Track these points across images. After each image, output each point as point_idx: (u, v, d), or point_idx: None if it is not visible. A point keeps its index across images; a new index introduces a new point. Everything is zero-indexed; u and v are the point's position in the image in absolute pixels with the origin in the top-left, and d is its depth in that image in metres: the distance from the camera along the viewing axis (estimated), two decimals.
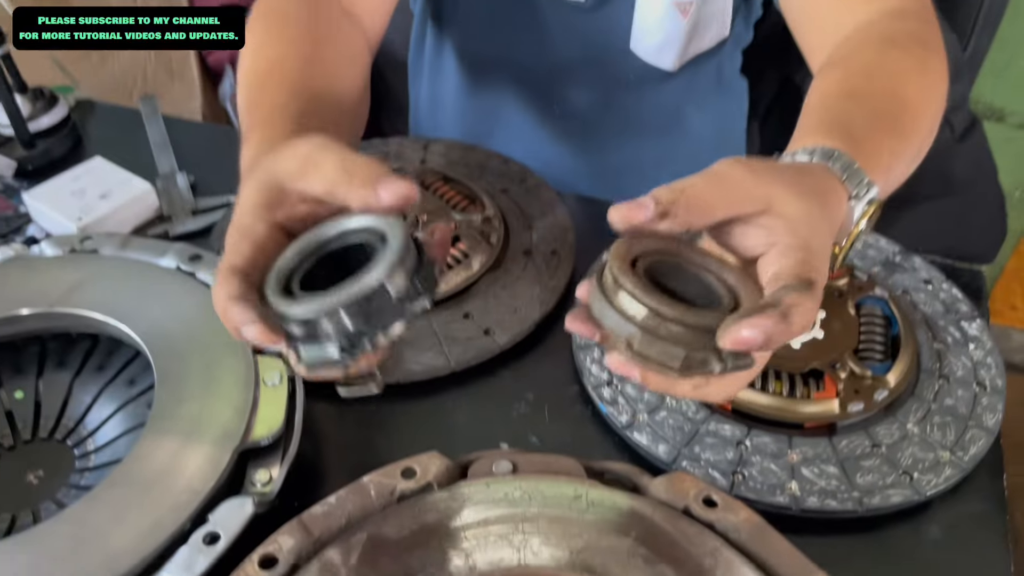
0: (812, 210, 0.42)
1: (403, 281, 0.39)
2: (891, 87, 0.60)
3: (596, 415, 0.62)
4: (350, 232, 0.42)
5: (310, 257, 0.43)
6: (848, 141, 0.50)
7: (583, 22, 0.88)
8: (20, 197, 0.79)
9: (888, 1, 0.69)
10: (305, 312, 0.39)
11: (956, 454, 0.57)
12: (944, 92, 0.64)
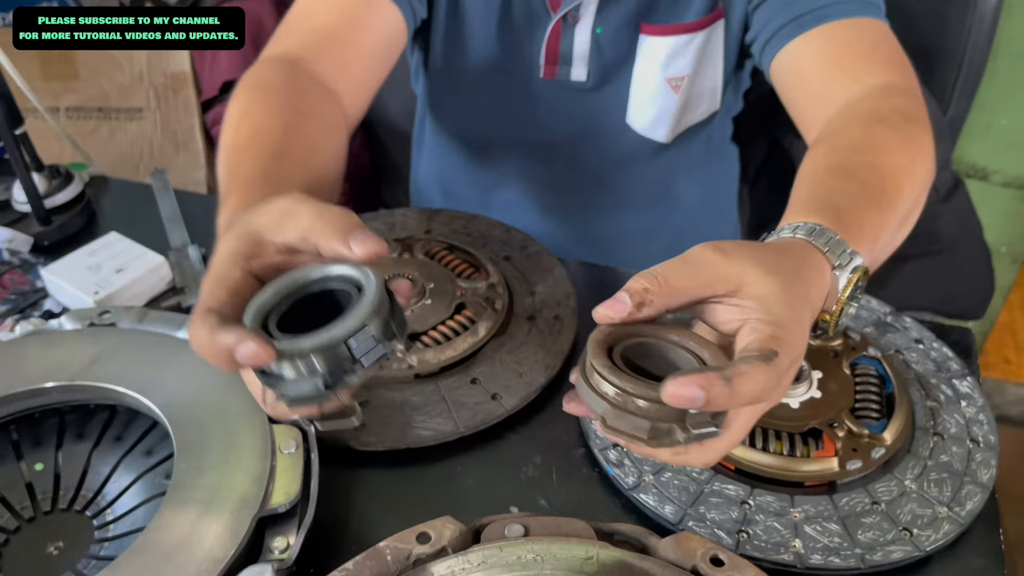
0: (783, 286, 0.46)
1: (380, 325, 0.43)
2: (876, 161, 0.63)
3: (603, 477, 0.63)
4: (326, 279, 0.46)
5: (287, 299, 0.46)
6: (831, 216, 0.54)
7: (582, 100, 0.92)
8: (37, 272, 0.82)
9: (876, 78, 0.73)
10: (295, 348, 0.42)
11: (953, 510, 0.58)
12: (930, 162, 0.67)
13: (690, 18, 0.85)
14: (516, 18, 0.88)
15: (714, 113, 0.94)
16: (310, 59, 0.76)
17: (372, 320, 0.43)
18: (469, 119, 0.98)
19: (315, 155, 0.66)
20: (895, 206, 0.60)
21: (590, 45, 0.88)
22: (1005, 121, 1.47)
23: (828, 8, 0.78)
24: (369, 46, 0.81)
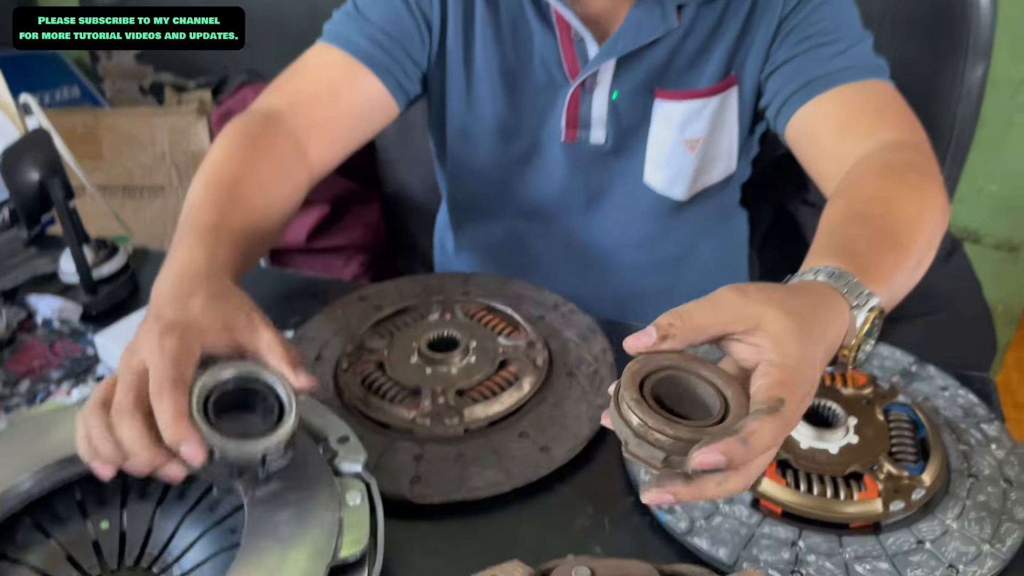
0: (798, 325, 0.50)
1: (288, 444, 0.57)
2: (888, 210, 0.68)
3: (655, 524, 0.65)
4: (252, 379, 0.58)
5: (228, 383, 0.57)
6: (849, 259, 0.59)
7: (602, 161, 0.97)
8: (87, 339, 0.84)
9: (886, 135, 0.79)
10: (224, 450, 0.54)
11: (995, 546, 0.61)
12: (940, 210, 0.72)
13: (703, 84, 0.91)
14: (536, 85, 0.94)
15: (730, 175, 0.99)
16: (288, 115, 0.84)
17: (284, 442, 0.56)
18: (493, 184, 1.03)
19: (262, 200, 0.76)
20: (908, 250, 0.65)
21: (607, 110, 0.93)
22: (994, 187, 1.55)
23: (838, 73, 0.84)
24: (346, 113, 0.89)
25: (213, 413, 0.55)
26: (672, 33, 0.88)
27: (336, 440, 0.65)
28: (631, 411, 0.49)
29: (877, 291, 0.58)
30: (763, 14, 0.87)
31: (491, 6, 0.91)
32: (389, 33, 0.90)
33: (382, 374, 0.76)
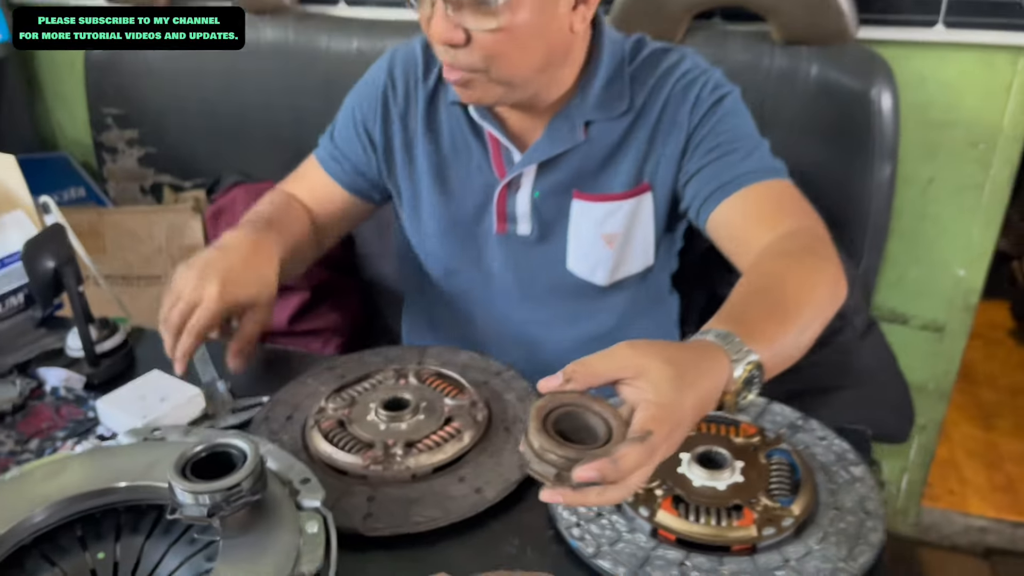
0: (675, 373, 0.65)
1: (251, 483, 0.69)
2: (779, 285, 0.83)
3: (568, 550, 0.77)
4: (227, 444, 0.71)
5: (201, 452, 0.71)
6: (736, 324, 0.73)
7: (530, 250, 1.12)
8: (88, 405, 0.97)
9: (787, 225, 0.94)
10: (197, 489, 0.67)
11: (848, 564, 0.73)
12: (828, 284, 0.86)
13: (617, 190, 1.07)
14: (473, 187, 1.11)
15: (649, 267, 1.14)
16: (300, 201, 1.17)
17: (245, 482, 0.68)
18: (441, 271, 1.19)
19: (297, 228, 1.12)
20: (793, 318, 0.79)
21: (530, 206, 1.09)
22: (915, 272, 1.70)
23: (744, 176, 1.00)
24: (332, 210, 1.19)
25: (191, 472, 0.69)
26: (580, 145, 1.04)
27: (299, 481, 0.77)
28: (532, 436, 0.63)
29: (757, 349, 0.72)
30: (669, 131, 1.04)
31: (431, 131, 1.11)
32: (345, 154, 1.15)
33: (342, 429, 0.88)
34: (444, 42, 0.91)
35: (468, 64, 0.92)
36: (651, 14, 1.48)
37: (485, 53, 0.91)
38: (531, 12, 0.90)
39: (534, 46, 0.93)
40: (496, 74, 0.93)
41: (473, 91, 0.96)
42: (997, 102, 1.51)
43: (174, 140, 1.83)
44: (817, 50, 1.46)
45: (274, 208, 1.12)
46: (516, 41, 0.91)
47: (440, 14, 0.89)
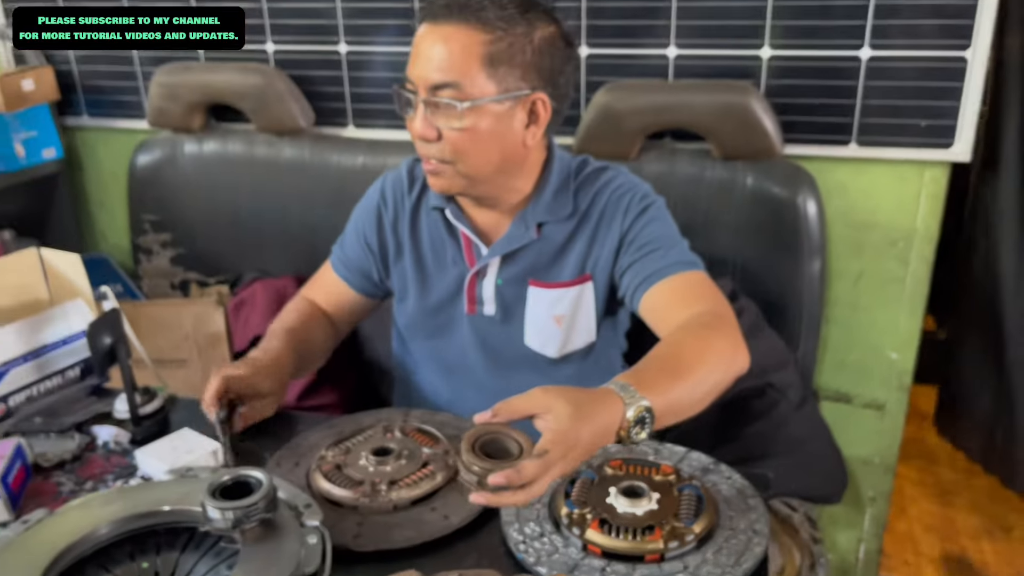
0: (575, 410, 0.89)
1: (265, 504, 0.90)
2: (676, 350, 1.08)
3: (516, 564, 0.96)
4: (246, 475, 0.92)
5: (229, 480, 0.91)
6: (634, 377, 0.97)
7: (495, 328, 1.35)
8: (132, 455, 1.18)
9: (699, 307, 1.18)
10: (223, 506, 0.88)
11: (735, 569, 0.92)
12: (724, 352, 1.10)
13: (564, 279, 1.31)
14: (448, 277, 1.36)
15: (592, 343, 1.37)
16: (313, 299, 1.40)
17: (261, 502, 0.88)
18: (423, 348, 1.42)
19: (309, 338, 1.35)
20: (684, 374, 1.03)
21: (495, 291, 1.33)
22: (854, 357, 1.91)
23: (666, 268, 1.24)
24: (345, 307, 1.43)
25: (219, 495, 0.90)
26: (534, 242, 1.29)
27: (303, 506, 0.97)
28: (463, 455, 0.86)
29: (649, 397, 0.95)
30: (606, 232, 1.29)
31: (415, 234, 1.37)
32: (352, 260, 1.41)
33: (339, 471, 1.09)
34: (420, 137, 1.18)
35: (439, 156, 1.19)
36: (610, 135, 1.75)
37: (452, 147, 1.18)
38: (489, 122, 1.17)
39: (491, 149, 1.20)
40: (461, 167, 1.20)
41: (441, 180, 1.23)
42: (909, 207, 1.75)
43: (202, 242, 2.09)
44: (751, 164, 1.72)
45: (297, 316, 1.37)
46: (476, 142, 1.18)
47: (420, 115, 1.17)
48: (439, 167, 1.20)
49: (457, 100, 1.14)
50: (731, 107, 1.67)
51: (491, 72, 1.14)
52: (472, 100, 1.15)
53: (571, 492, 1.03)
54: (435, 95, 1.15)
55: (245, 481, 0.93)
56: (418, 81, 1.16)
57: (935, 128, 1.66)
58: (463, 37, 1.13)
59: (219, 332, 1.88)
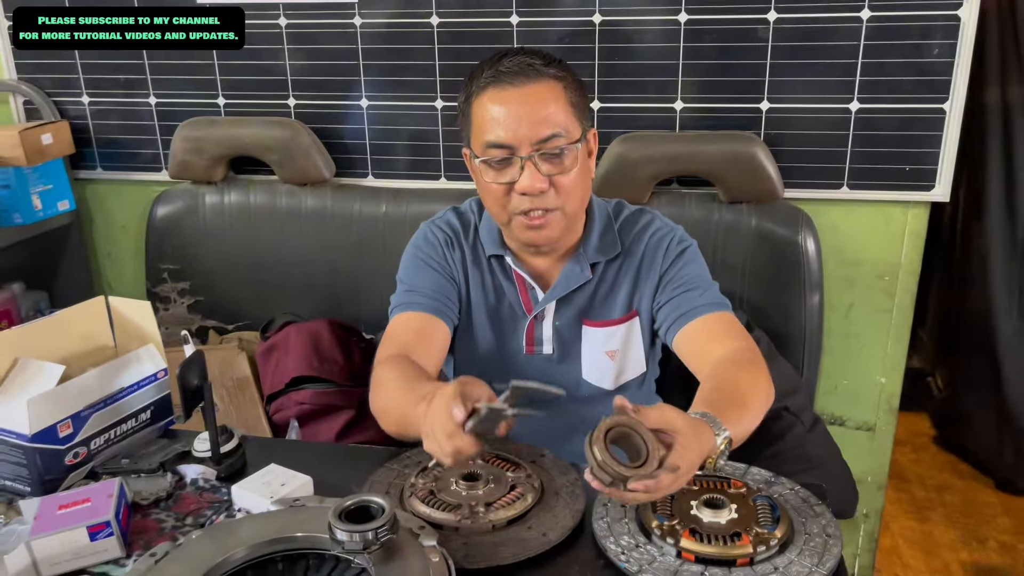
0: (692, 435, 1.00)
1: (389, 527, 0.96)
2: (734, 384, 1.20)
3: (618, 573, 1.05)
4: (369, 500, 0.98)
5: (352, 504, 0.98)
6: (713, 409, 1.09)
7: (553, 366, 1.44)
8: (222, 492, 1.22)
9: (732, 343, 1.30)
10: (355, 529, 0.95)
11: (819, 568, 1.02)
12: (765, 386, 1.23)
13: (615, 316, 1.42)
14: (505, 318, 1.44)
15: (643, 373, 1.48)
16: (406, 353, 1.33)
17: (387, 524, 0.95)
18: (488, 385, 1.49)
19: (428, 377, 1.25)
20: (747, 406, 1.15)
21: (552, 332, 1.43)
22: (846, 382, 2.06)
23: (700, 308, 1.36)
24: (433, 346, 1.38)
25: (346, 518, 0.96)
26: (589, 282, 1.40)
27: (417, 528, 1.04)
28: (597, 452, 0.97)
29: (728, 426, 1.07)
30: (648, 272, 1.41)
31: (475, 279, 1.44)
32: (438, 291, 1.42)
33: (434, 497, 1.16)
34: (537, 191, 1.26)
35: (552, 204, 1.29)
36: (623, 182, 1.89)
37: (564, 193, 1.28)
38: (583, 161, 1.30)
39: (585, 187, 1.33)
40: (568, 209, 1.30)
41: (551, 229, 1.31)
42: (895, 244, 1.93)
43: (221, 291, 2.13)
44: (754, 207, 1.87)
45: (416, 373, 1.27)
46: (579, 182, 1.30)
47: (530, 171, 1.26)
48: (550, 217, 1.30)
49: (567, 145, 1.26)
50: (738, 155, 1.82)
51: (577, 115, 1.28)
52: (577, 141, 1.28)
53: (655, 507, 1.12)
54: (544, 147, 1.26)
55: (365, 506, 1.00)
56: (519, 141, 1.25)
57: (917, 172, 1.84)
58: (550, 91, 1.25)
59: (245, 376, 1.92)
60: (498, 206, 1.32)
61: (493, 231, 1.43)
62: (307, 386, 1.79)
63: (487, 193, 1.33)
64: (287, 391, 1.82)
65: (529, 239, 1.34)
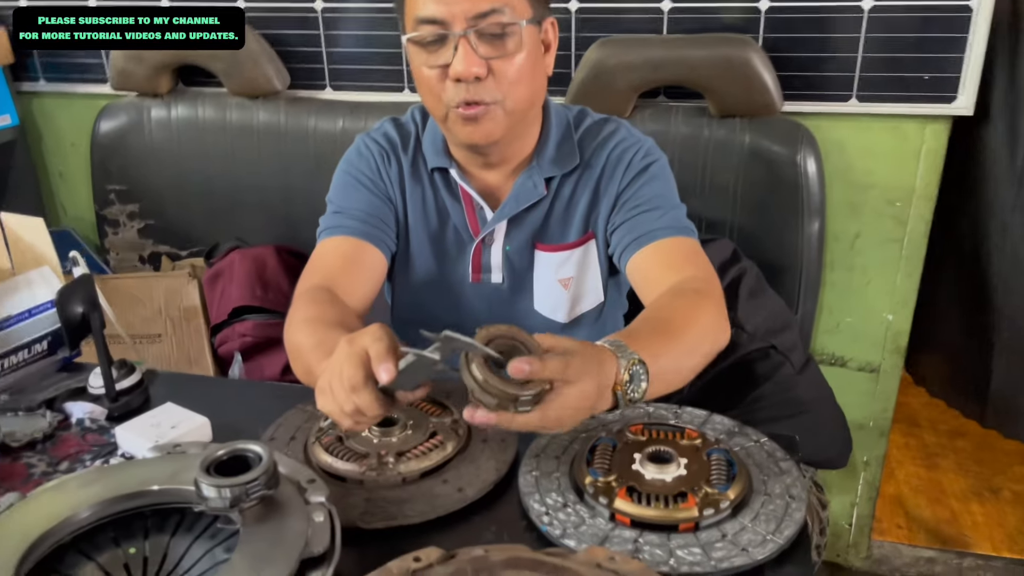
0: (588, 356, 0.86)
1: (265, 481, 0.81)
2: (667, 313, 1.03)
3: (540, 536, 0.90)
4: (246, 449, 0.84)
5: (224, 454, 0.83)
6: (624, 335, 0.93)
7: (501, 296, 1.28)
8: (110, 433, 1.08)
9: (688, 272, 1.13)
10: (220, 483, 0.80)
11: (775, 536, 0.86)
12: (711, 319, 1.05)
13: (570, 239, 1.24)
14: (449, 243, 1.27)
15: (601, 303, 1.30)
16: (329, 287, 1.16)
17: (261, 478, 0.80)
18: (423, 318, 1.33)
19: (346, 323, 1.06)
20: (677, 338, 0.99)
21: (502, 258, 1.25)
22: (850, 319, 1.87)
23: (657, 231, 1.17)
24: (363, 276, 1.21)
25: (216, 471, 0.82)
26: (543, 200, 1.22)
27: (306, 481, 0.89)
28: (475, 370, 0.82)
29: (645, 356, 0.91)
30: (606, 189, 1.22)
31: (416, 187, 1.26)
32: (371, 213, 1.24)
33: (340, 444, 1.01)
34: (472, 75, 1.07)
35: (490, 96, 1.10)
36: (602, 93, 1.68)
37: (506, 80, 1.09)
38: (530, 48, 1.11)
39: (533, 78, 1.14)
40: (510, 103, 1.11)
41: (489, 123, 1.12)
42: (909, 165, 1.71)
43: (173, 213, 1.98)
44: (748, 122, 1.66)
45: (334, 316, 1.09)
46: (524, 70, 1.11)
47: (465, 52, 1.06)
48: (488, 109, 1.11)
49: (510, 24, 1.07)
50: (731, 61, 1.61)
51: None
52: (524, 20, 1.08)
53: (592, 459, 0.96)
54: (482, 24, 1.06)
55: (242, 456, 0.85)
56: (453, 16, 1.06)
57: (938, 81, 1.61)
58: None
59: (194, 306, 1.78)
60: (432, 97, 1.13)
61: (437, 140, 1.25)
62: (250, 317, 1.65)
63: (421, 82, 1.14)
64: (231, 322, 1.68)
65: (466, 136, 1.14)
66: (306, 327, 1.06)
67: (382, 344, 0.86)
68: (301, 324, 1.08)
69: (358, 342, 0.87)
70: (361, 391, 0.86)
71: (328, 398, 0.89)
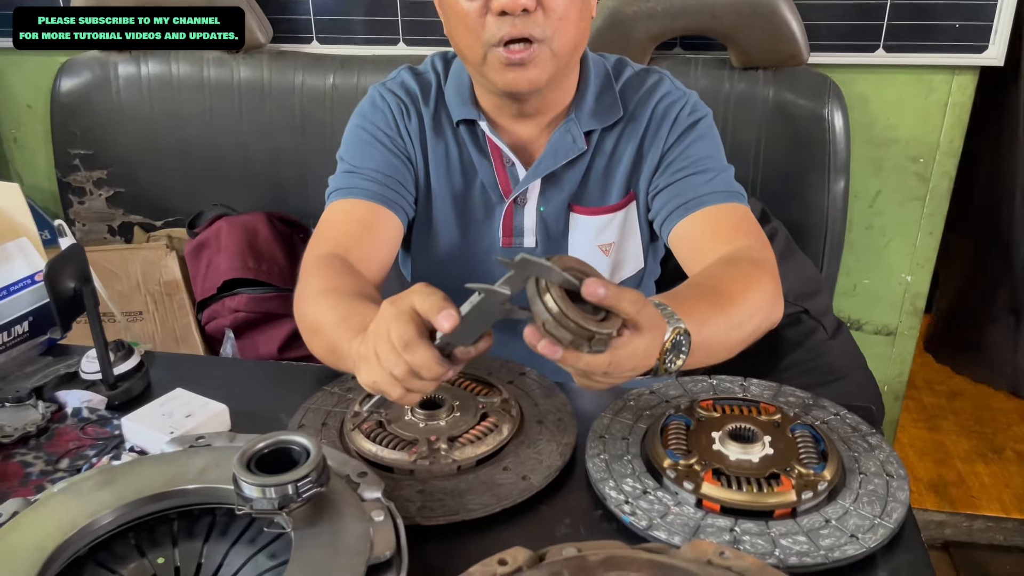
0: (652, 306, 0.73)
1: (315, 476, 0.71)
2: (718, 282, 0.94)
3: (620, 527, 0.80)
4: (290, 441, 0.73)
5: (264, 447, 0.73)
6: (671, 300, 0.84)
7: None
8: (112, 424, 0.96)
9: (738, 243, 1.03)
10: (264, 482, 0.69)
11: (884, 520, 0.78)
12: (765, 293, 0.96)
13: (611, 202, 1.14)
14: (476, 204, 1.15)
15: (641, 270, 1.21)
16: (343, 254, 1.04)
17: (312, 474, 0.70)
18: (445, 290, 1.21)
19: (368, 295, 0.95)
20: (725, 309, 0.89)
21: (536, 220, 1.15)
22: (867, 281, 1.81)
23: (706, 196, 1.07)
24: (379, 244, 1.09)
25: (256, 467, 0.71)
26: (583, 156, 1.11)
27: (356, 475, 0.78)
28: (558, 301, 0.69)
29: (685, 320, 0.81)
30: (651, 145, 1.12)
31: (437, 153, 1.14)
32: (388, 174, 1.11)
33: (383, 430, 0.90)
34: (519, 6, 0.95)
35: (540, 31, 0.98)
36: (617, 43, 1.57)
37: (555, 17, 0.98)
38: None
39: (581, 20, 1.02)
40: (557, 45, 1.00)
41: (536, 68, 1.00)
42: (934, 120, 1.64)
43: (145, 179, 1.82)
44: (773, 74, 1.57)
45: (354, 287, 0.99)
46: (573, 8, 0.99)
47: None
48: (535, 51, 0.99)
49: None
50: (756, 9, 1.51)
51: None
52: None
53: (664, 440, 0.87)
54: None
55: (284, 448, 0.74)
56: None
57: (969, 30, 1.54)
58: None
59: (175, 280, 1.64)
60: (470, 35, 1.01)
61: (463, 88, 1.13)
62: (242, 290, 1.51)
63: (458, 20, 1.01)
64: (220, 297, 1.54)
65: (508, 82, 1.02)
66: (324, 300, 0.95)
67: (436, 296, 0.76)
68: (317, 297, 0.96)
69: (404, 300, 0.77)
70: (416, 347, 0.74)
71: (373, 366, 0.77)
